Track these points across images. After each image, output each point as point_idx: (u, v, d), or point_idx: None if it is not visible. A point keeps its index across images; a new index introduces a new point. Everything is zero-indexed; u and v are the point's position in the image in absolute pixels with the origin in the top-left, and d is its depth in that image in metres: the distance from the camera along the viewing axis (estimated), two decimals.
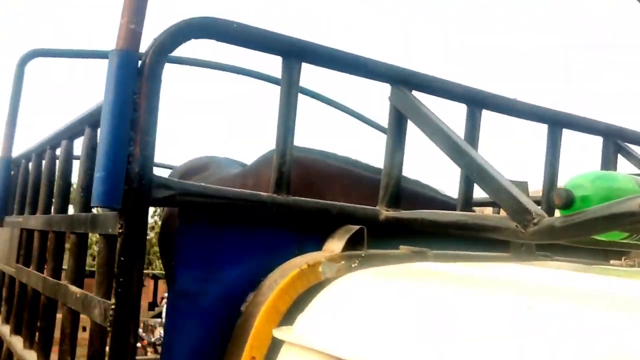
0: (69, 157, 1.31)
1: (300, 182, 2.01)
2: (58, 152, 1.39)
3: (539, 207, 0.89)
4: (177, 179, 2.61)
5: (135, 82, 0.87)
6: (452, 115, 1.25)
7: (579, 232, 0.81)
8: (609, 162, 1.48)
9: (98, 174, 0.82)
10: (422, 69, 1.18)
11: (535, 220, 0.85)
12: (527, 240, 0.88)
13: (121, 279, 0.84)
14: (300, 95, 1.07)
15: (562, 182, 2.06)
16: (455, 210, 1.21)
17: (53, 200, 1.35)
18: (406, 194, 1.19)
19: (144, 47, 0.90)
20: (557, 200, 0.84)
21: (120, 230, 0.85)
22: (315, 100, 2.54)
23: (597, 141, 1.52)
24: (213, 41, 0.95)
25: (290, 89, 1.03)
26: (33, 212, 1.54)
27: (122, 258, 0.84)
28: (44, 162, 1.49)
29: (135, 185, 0.86)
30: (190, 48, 1.00)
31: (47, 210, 1.41)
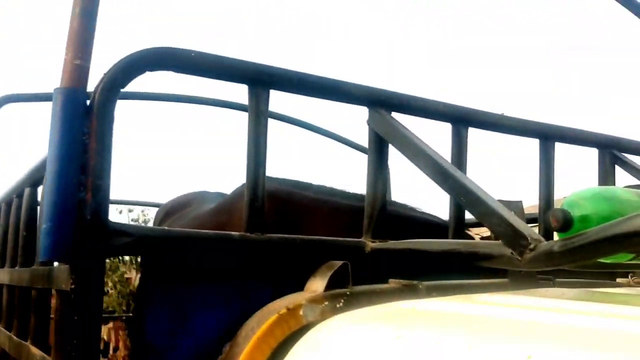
0: (33, 205, 1.22)
1: (276, 218, 1.93)
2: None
3: (537, 227, 0.81)
4: (162, 218, 2.52)
5: (84, 122, 0.79)
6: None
7: (581, 256, 0.73)
8: (606, 175, 1.41)
9: (44, 225, 0.74)
10: (407, 73, 1.11)
11: (531, 246, 0.77)
12: (524, 268, 0.80)
13: (75, 341, 0.75)
14: (274, 122, 1.00)
15: (559, 198, 1.99)
16: (439, 227, 1.13)
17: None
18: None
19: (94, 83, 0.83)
20: (554, 222, 0.76)
21: (73, 286, 0.77)
22: (289, 124, 2.42)
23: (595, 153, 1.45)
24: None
25: (259, 118, 0.95)
26: (2, 264, 1.45)
27: (75, 317, 0.76)
28: (11, 211, 1.40)
29: (87, 235, 0.77)
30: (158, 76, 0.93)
31: (13, 263, 1.33)
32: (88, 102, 0.81)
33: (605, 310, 0.71)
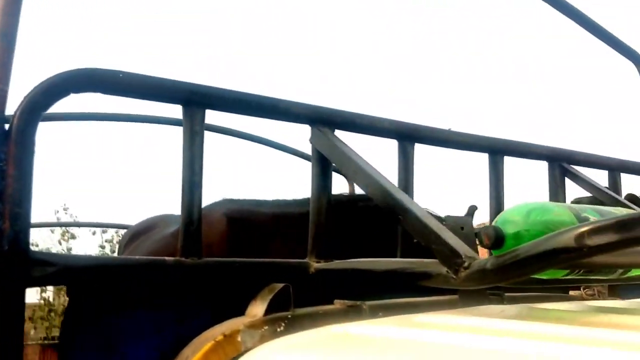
0: None
1: (236, 239, 1.93)
2: None
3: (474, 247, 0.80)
4: (127, 241, 2.49)
5: (1, 147, 0.76)
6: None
7: (512, 273, 0.72)
8: (556, 187, 1.41)
9: None
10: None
11: (465, 264, 0.76)
12: (459, 287, 0.79)
13: None
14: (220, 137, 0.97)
15: None
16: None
17: None
18: None
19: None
20: (486, 239, 0.75)
21: None
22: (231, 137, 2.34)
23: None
24: None
25: (194, 139, 0.93)
26: None
27: None
28: None
29: (6, 266, 0.74)
30: None
31: None
32: (7, 126, 0.78)
33: (553, 329, 0.70)
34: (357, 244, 1.17)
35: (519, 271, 0.71)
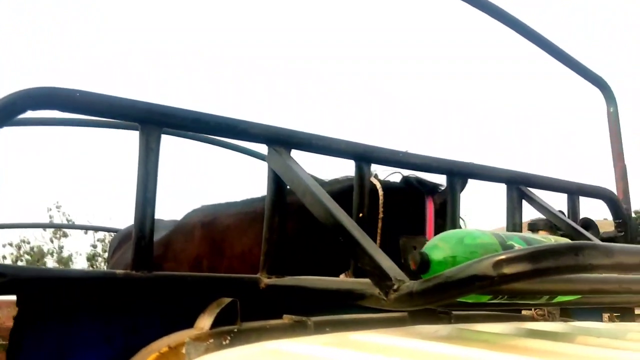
0: None
1: (207, 244, 2.00)
2: None
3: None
4: (116, 246, 2.60)
5: None
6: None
7: (436, 297, 0.76)
8: (514, 209, 1.46)
9: None
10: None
11: (395, 287, 0.80)
12: (389, 308, 0.83)
13: None
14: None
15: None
16: None
17: None
18: None
19: None
20: (412, 264, 0.79)
21: None
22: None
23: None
24: None
25: (148, 157, 0.97)
26: None
27: None
28: None
29: None
30: None
31: None
32: None
33: (463, 355, 0.74)
34: None
35: (442, 295, 0.75)
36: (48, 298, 0.87)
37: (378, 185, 1.91)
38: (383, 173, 1.90)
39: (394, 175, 1.99)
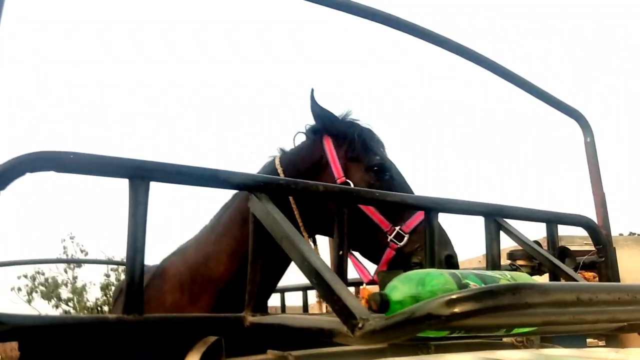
0: None
1: (180, 286, 2.13)
2: None
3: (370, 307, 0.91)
4: (117, 295, 2.72)
5: None
6: None
7: (396, 333, 0.83)
8: (492, 241, 1.52)
9: None
10: None
11: (359, 325, 0.87)
12: (356, 344, 0.90)
13: None
14: None
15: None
16: None
17: None
18: None
19: None
20: (373, 305, 0.87)
21: None
22: None
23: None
24: None
25: (137, 208, 1.05)
26: None
27: None
28: None
29: None
30: None
31: None
32: None
33: None
34: None
35: (401, 332, 0.82)
36: (47, 343, 0.95)
37: None
38: None
39: None
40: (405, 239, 1.88)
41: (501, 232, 1.53)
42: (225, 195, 2.22)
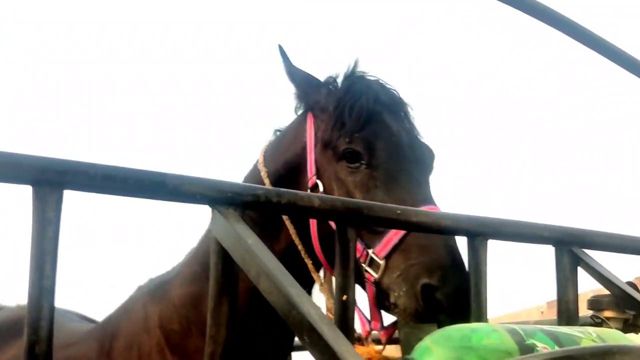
0: None
1: (165, 330, 2.16)
2: None
3: None
4: None
5: None
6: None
7: None
8: (566, 281, 1.52)
9: None
10: None
11: None
12: None
13: None
14: None
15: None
16: None
17: None
18: None
19: None
20: None
21: None
22: None
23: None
24: None
25: (44, 230, 1.04)
26: None
27: None
28: None
29: None
30: None
31: None
32: None
33: None
34: None
35: None
36: None
37: None
38: None
39: None
40: (382, 266, 1.76)
41: (579, 269, 1.53)
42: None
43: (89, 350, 2.32)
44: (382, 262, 1.76)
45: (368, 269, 1.80)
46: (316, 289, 2.09)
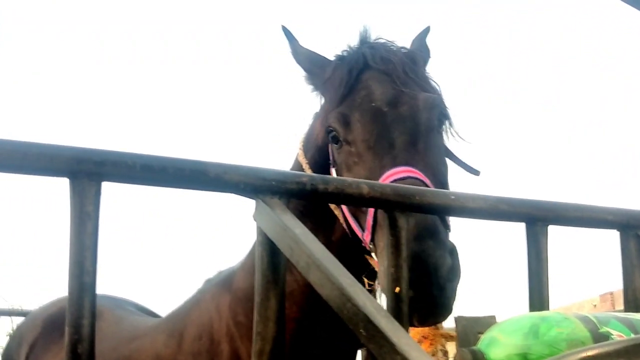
0: None
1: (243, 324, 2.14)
2: None
3: None
4: (38, 334, 2.82)
5: None
6: None
7: None
8: (633, 268, 1.46)
9: None
10: None
11: None
12: None
13: None
14: None
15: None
16: None
17: None
18: None
19: None
20: None
21: None
22: None
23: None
24: None
25: (84, 223, 1.02)
26: None
27: None
28: None
29: None
30: None
31: None
32: None
33: None
34: None
35: None
36: None
37: None
38: None
39: None
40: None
41: None
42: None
43: (157, 342, 2.36)
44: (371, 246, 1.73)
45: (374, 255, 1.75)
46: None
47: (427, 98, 1.92)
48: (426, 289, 1.47)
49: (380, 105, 1.87)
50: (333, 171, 1.95)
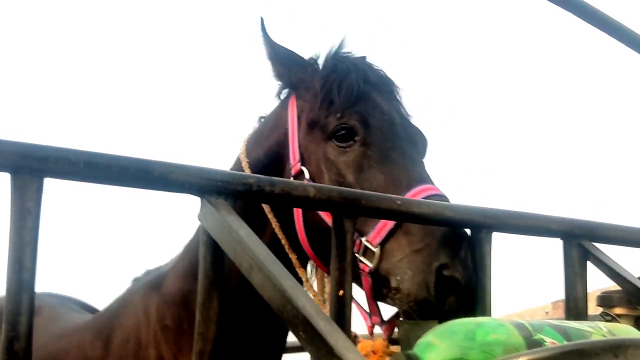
0: None
1: (170, 325, 2.21)
2: None
3: None
4: None
5: None
6: None
7: None
8: (574, 276, 1.53)
9: None
10: None
11: None
12: None
13: None
14: None
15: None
16: None
17: None
18: None
19: None
20: None
21: None
22: None
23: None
24: None
25: (24, 220, 1.04)
26: None
27: None
28: None
29: None
30: None
31: None
32: None
33: None
34: None
35: None
36: None
37: None
38: None
39: None
40: (377, 254, 1.75)
41: (588, 264, 1.53)
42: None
43: (84, 341, 2.38)
44: (376, 250, 1.76)
45: (362, 258, 1.79)
46: None
47: (424, 133, 2.14)
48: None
49: (392, 119, 2.02)
50: (304, 168, 2.02)
